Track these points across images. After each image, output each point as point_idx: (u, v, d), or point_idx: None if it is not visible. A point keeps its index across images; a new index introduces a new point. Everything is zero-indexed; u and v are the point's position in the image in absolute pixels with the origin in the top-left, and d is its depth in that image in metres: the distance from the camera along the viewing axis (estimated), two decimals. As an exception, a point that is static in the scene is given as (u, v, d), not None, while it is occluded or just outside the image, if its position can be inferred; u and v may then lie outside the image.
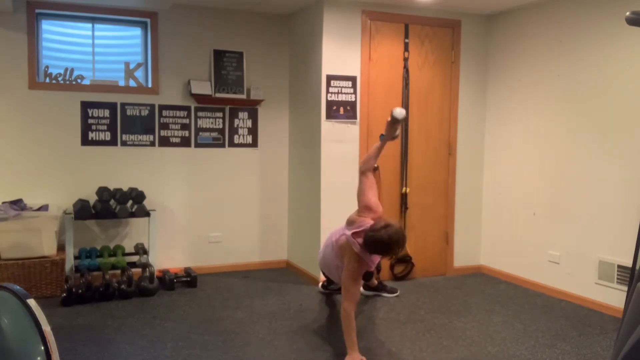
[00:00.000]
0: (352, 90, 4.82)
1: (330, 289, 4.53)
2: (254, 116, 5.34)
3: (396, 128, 3.86)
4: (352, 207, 4.86)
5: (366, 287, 4.54)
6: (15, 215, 4.27)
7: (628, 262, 4.00)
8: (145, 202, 4.78)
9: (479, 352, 3.40)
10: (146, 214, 4.74)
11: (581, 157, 4.38)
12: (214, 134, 5.21)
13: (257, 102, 5.29)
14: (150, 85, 5.03)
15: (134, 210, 4.72)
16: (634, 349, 1.42)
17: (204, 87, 5.07)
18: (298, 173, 5.29)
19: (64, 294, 4.17)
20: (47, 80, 4.72)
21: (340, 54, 4.78)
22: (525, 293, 4.69)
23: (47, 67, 4.74)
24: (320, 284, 4.67)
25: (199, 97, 5.07)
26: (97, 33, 4.96)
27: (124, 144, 4.93)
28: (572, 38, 4.45)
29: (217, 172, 5.25)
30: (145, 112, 4.99)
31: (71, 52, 4.91)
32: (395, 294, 4.56)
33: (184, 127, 5.11)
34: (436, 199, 5.21)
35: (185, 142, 5.12)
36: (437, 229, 5.25)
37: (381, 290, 4.58)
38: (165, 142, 5.06)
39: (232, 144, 5.28)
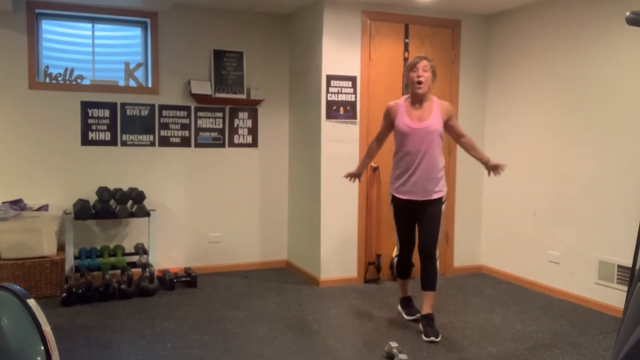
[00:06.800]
0: (352, 90, 4.82)
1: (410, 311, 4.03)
2: (254, 116, 5.34)
3: None
4: (352, 206, 4.89)
5: (408, 314, 4.01)
6: (15, 215, 4.27)
7: (628, 262, 4.00)
8: (145, 202, 4.79)
9: (479, 352, 3.40)
10: (146, 214, 4.74)
11: (581, 157, 4.38)
12: (214, 134, 5.21)
13: (257, 102, 5.29)
14: (150, 85, 5.03)
15: (134, 210, 4.72)
16: (634, 349, 1.42)
17: (204, 87, 5.07)
18: (298, 173, 5.29)
19: (64, 294, 4.17)
20: (47, 80, 4.72)
21: (340, 54, 4.78)
22: (525, 293, 4.69)
23: (47, 67, 4.74)
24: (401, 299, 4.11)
25: (199, 97, 5.07)
26: (97, 33, 4.96)
27: (124, 144, 4.93)
28: (572, 38, 4.45)
29: (217, 172, 5.25)
30: (145, 112, 4.99)
31: (71, 52, 4.91)
32: (431, 338, 3.57)
33: (184, 127, 5.11)
34: (436, 199, 5.20)
35: (185, 142, 5.12)
36: (437, 229, 5.24)
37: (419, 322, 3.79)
38: (165, 142, 5.06)
39: (232, 144, 5.28)
